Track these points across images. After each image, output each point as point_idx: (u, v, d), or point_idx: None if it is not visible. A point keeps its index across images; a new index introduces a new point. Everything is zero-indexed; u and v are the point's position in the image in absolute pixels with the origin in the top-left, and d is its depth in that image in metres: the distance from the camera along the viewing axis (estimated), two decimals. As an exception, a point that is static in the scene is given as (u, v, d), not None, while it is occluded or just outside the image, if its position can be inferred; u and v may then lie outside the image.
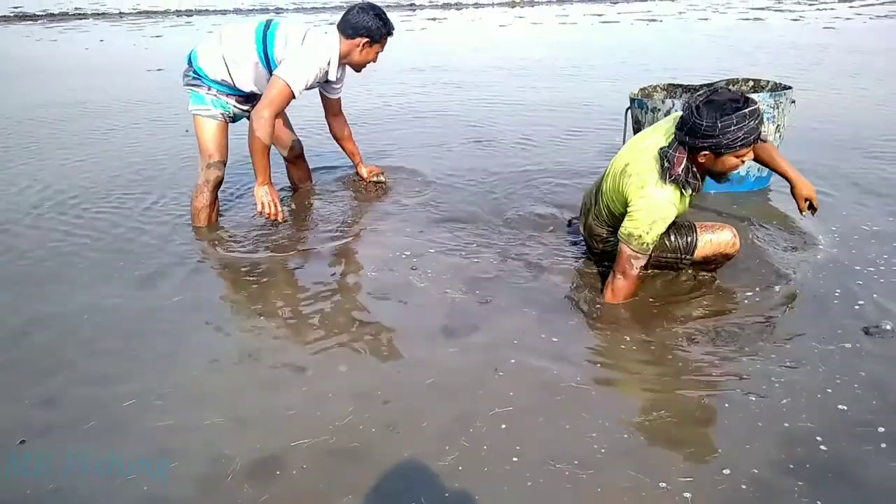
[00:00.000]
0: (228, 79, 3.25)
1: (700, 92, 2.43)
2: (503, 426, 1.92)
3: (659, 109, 3.72)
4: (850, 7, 14.04)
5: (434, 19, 13.31)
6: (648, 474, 1.73)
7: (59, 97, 6.76)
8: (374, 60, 3.35)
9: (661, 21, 12.33)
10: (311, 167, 3.97)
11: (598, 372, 2.18)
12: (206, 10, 15.27)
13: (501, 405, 2.01)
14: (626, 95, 3.99)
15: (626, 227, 2.51)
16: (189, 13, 14.76)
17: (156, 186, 4.02)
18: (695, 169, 2.45)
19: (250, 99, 3.31)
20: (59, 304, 2.71)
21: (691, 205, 2.65)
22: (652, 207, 2.45)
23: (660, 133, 2.56)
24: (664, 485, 1.70)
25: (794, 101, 3.65)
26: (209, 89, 3.28)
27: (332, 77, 3.30)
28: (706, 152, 2.36)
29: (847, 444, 1.82)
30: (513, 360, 2.23)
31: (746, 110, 2.28)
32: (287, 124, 3.70)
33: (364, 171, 3.88)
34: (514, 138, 4.84)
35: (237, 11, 15.12)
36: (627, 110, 3.98)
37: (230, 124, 3.39)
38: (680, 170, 2.42)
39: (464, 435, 1.89)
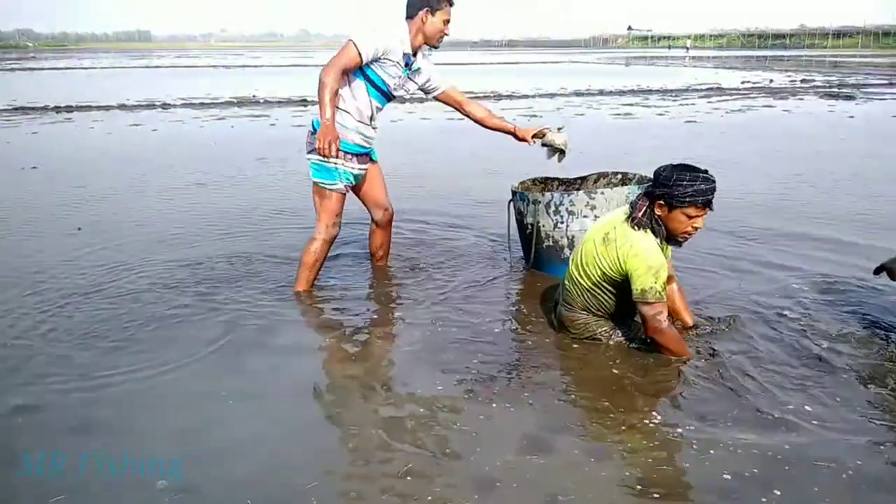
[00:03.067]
0: (360, 122, 3.51)
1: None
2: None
3: (539, 202, 3.90)
4: (709, 102, 15.47)
5: (325, 115, 13.52)
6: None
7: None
8: (447, 30, 3.53)
9: (541, 116, 13.07)
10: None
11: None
12: (89, 105, 14.85)
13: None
14: (508, 188, 4.17)
15: (636, 286, 2.78)
16: (69, 109, 14.29)
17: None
18: (657, 217, 2.81)
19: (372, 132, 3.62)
20: None
21: (668, 258, 2.99)
22: (644, 258, 2.76)
23: (621, 209, 2.99)
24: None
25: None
26: (339, 156, 3.46)
27: (407, 51, 3.48)
28: (661, 202, 2.76)
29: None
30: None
31: (700, 174, 2.70)
32: (384, 188, 3.89)
33: (528, 135, 3.71)
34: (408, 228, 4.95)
35: (122, 107, 14.80)
36: (510, 202, 4.14)
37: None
38: (640, 214, 2.81)
39: None
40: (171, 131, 11.32)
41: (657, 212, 2.79)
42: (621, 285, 2.91)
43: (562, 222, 3.84)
